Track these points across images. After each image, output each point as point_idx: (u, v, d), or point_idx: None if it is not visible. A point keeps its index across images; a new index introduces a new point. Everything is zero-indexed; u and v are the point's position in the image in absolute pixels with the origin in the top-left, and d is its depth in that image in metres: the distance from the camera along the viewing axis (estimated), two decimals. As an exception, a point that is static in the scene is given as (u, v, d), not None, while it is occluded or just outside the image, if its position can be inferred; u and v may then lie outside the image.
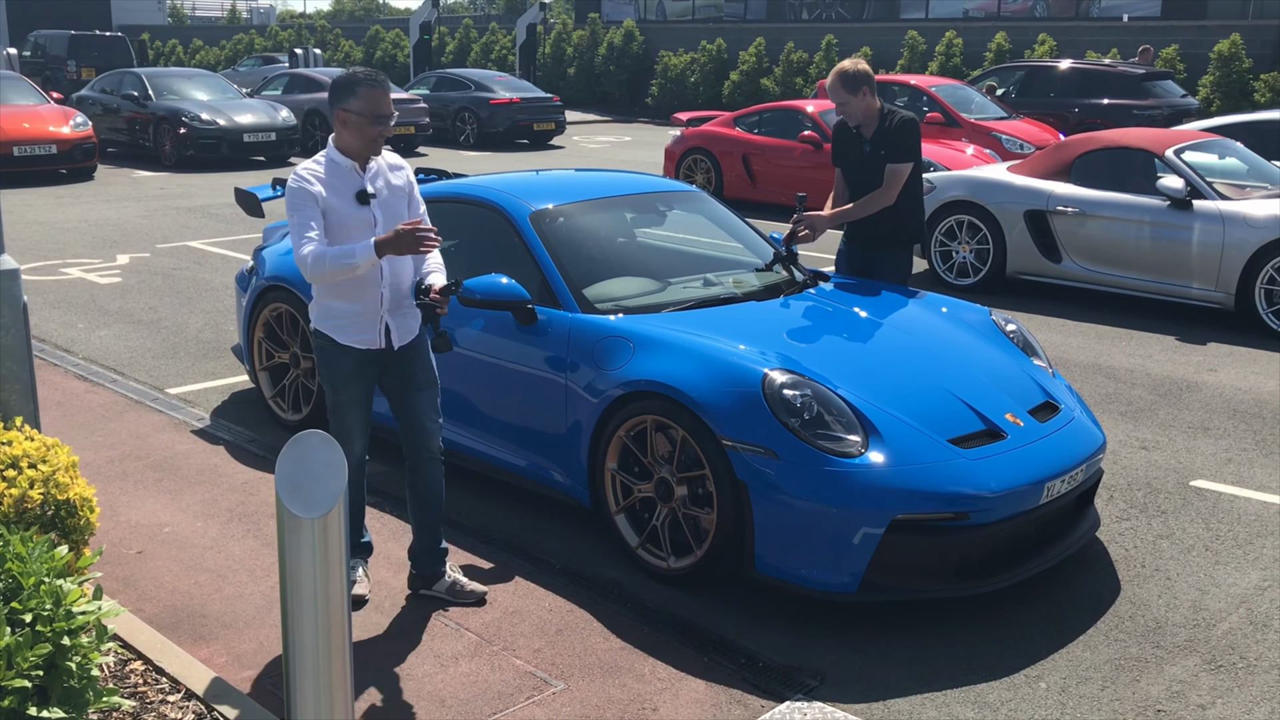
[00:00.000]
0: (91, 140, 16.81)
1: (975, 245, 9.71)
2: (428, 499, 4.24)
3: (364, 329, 4.03)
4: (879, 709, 3.66)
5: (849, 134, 6.00)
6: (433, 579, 4.27)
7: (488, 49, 35.11)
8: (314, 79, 21.80)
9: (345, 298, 3.99)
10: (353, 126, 3.89)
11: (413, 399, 4.16)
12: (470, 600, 4.24)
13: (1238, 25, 22.66)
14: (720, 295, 5.23)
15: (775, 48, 28.25)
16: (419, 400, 4.16)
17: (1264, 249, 8.22)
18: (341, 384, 4.09)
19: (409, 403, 4.16)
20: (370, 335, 4.04)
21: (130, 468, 5.61)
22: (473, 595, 4.26)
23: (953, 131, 15.06)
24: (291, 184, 3.92)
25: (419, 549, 4.29)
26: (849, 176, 6.05)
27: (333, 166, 3.95)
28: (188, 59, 41.65)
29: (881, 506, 4.00)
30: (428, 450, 4.21)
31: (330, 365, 4.10)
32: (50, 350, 7.69)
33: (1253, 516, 5.16)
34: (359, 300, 3.99)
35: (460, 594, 4.25)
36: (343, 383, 4.09)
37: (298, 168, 3.94)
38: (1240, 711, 3.65)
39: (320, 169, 3.94)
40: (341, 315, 4.02)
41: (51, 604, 2.72)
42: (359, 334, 4.04)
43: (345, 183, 3.94)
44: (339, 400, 4.11)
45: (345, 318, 4.02)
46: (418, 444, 4.20)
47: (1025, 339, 5.25)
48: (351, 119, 3.88)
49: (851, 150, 5.99)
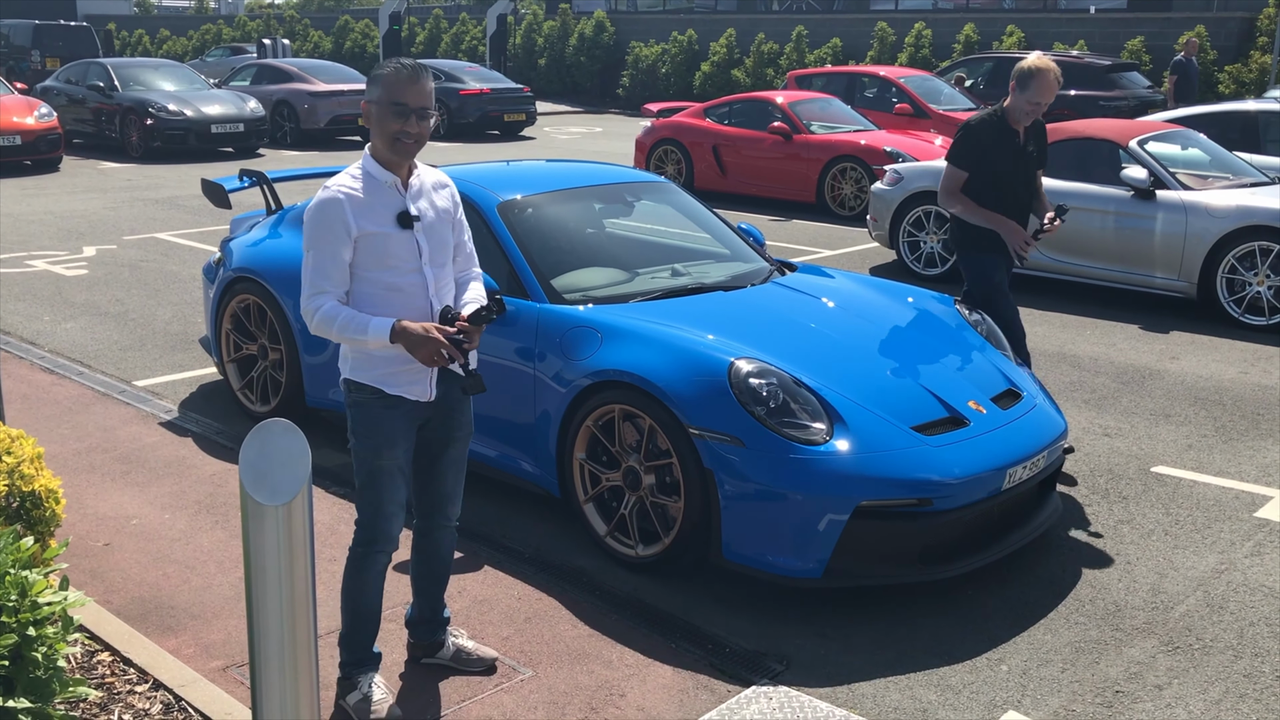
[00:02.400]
0: (56, 131, 16.66)
1: (942, 235, 9.78)
2: (436, 570, 3.70)
3: (415, 376, 3.36)
4: (844, 693, 3.71)
5: (1007, 133, 5.48)
6: (435, 648, 3.77)
7: (458, 39, 34.98)
8: (282, 70, 21.67)
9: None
10: (373, 121, 3.29)
11: (445, 456, 3.54)
12: (478, 668, 3.74)
13: (1202, 18, 22.90)
14: (688, 285, 5.26)
15: (746, 39, 28.29)
16: (451, 458, 3.55)
17: (1225, 239, 8.33)
18: (386, 446, 3.36)
19: (439, 460, 3.54)
20: (422, 384, 3.38)
21: (97, 460, 5.59)
22: (481, 663, 3.75)
23: (921, 122, 15.16)
24: (320, 206, 3.25)
25: (418, 619, 3.77)
26: (999, 176, 5.49)
27: (370, 182, 3.30)
28: (154, 49, 41.27)
29: (846, 493, 4.05)
30: (444, 516, 3.63)
31: (373, 424, 3.36)
32: (15, 343, 7.63)
33: (1211, 501, 5.25)
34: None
35: (467, 661, 3.76)
36: (388, 444, 3.36)
37: (330, 183, 3.29)
38: (1195, 691, 3.73)
39: (356, 185, 3.28)
40: (388, 362, 3.32)
41: (17, 595, 2.73)
42: (410, 383, 3.36)
43: (385, 202, 3.29)
44: (380, 466, 3.37)
45: (393, 364, 3.32)
46: (435, 507, 3.61)
47: (989, 328, 5.31)
48: (372, 111, 3.29)
49: (1006, 149, 5.48)
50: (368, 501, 3.43)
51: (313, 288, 3.26)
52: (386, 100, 3.24)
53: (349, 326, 3.21)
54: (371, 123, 3.29)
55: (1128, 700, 3.68)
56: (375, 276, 3.28)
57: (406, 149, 3.28)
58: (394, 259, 3.28)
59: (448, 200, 3.45)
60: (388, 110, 3.24)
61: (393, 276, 3.29)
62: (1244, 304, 8.34)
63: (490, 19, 32.02)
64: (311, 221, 3.26)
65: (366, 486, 3.41)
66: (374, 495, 3.40)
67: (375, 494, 3.40)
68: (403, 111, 3.23)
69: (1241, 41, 22.39)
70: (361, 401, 3.37)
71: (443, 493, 3.58)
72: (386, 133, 3.26)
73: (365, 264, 3.27)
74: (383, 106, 3.25)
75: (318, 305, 3.24)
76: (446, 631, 3.78)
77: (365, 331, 3.20)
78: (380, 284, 3.28)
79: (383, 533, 3.44)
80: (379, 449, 3.36)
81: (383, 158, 3.31)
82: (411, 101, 3.24)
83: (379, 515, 3.42)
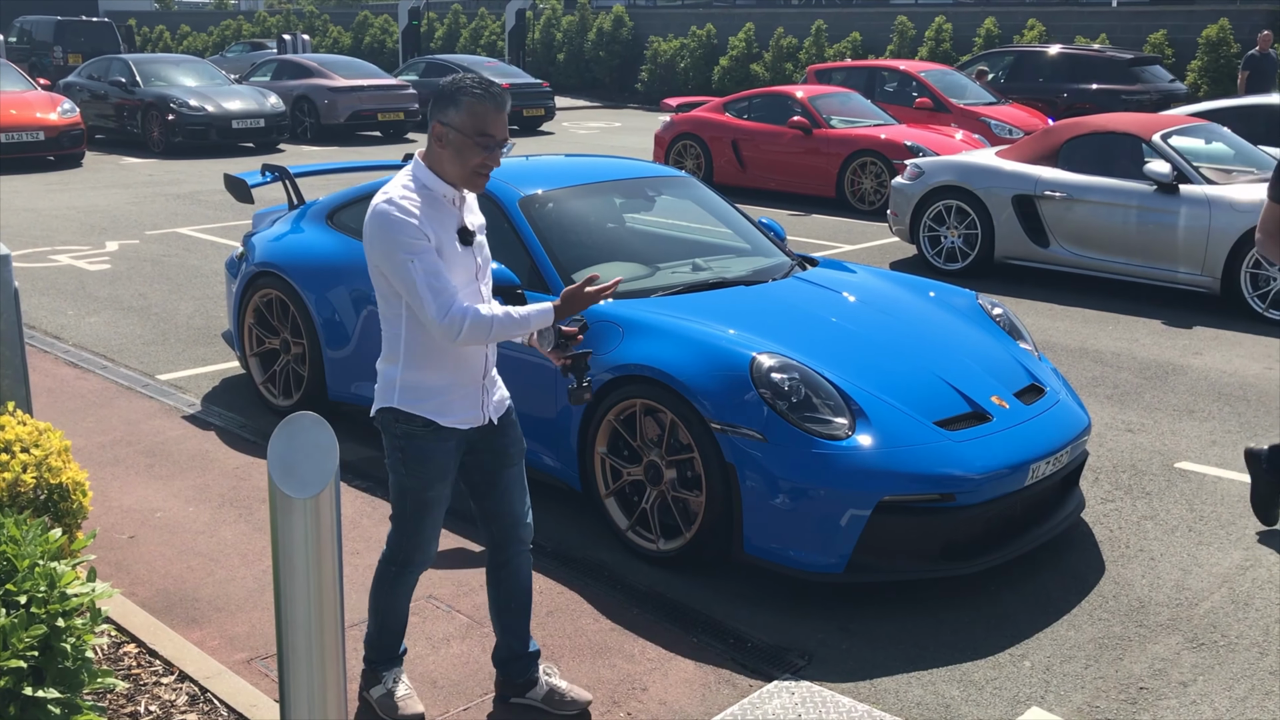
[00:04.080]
0: (79, 127, 16.74)
1: (963, 230, 9.75)
2: (518, 601, 3.48)
3: (467, 404, 3.21)
4: (866, 688, 3.71)
5: None
6: (525, 687, 3.53)
7: (477, 34, 35.00)
8: (302, 65, 21.73)
9: (444, 369, 3.16)
10: (451, 146, 3.05)
11: (503, 478, 3.36)
12: (571, 711, 3.49)
13: (1226, 10, 22.70)
14: (709, 280, 5.25)
15: (765, 33, 28.21)
16: (510, 479, 3.37)
17: (1249, 233, 8.26)
18: (435, 479, 3.22)
19: (499, 483, 3.36)
20: (474, 411, 3.23)
21: (121, 453, 5.62)
22: (574, 706, 3.49)
23: (942, 117, 15.08)
24: (398, 217, 3.01)
25: (506, 656, 3.54)
26: None
27: (428, 196, 3.08)
28: (175, 45, 41.44)
29: (868, 488, 4.04)
30: (518, 540, 3.43)
31: (423, 456, 3.19)
32: (40, 337, 7.69)
33: (1235, 498, 5.21)
34: (460, 369, 3.18)
35: (559, 704, 3.49)
36: (437, 477, 3.22)
37: (390, 197, 3.05)
38: (1220, 688, 3.71)
39: (418, 199, 3.06)
40: (441, 391, 3.16)
41: (46, 586, 2.74)
42: (463, 411, 3.21)
43: (444, 217, 3.11)
44: (426, 499, 3.24)
45: (447, 393, 3.16)
46: (508, 533, 3.41)
47: (1011, 322, 5.29)
48: (450, 136, 3.04)
49: None
50: (410, 529, 3.30)
51: (440, 296, 3.01)
52: (473, 131, 3.02)
53: (509, 323, 3.08)
54: (448, 147, 3.06)
55: (1152, 697, 3.66)
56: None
57: (483, 182, 3.13)
58: (455, 277, 3.09)
59: (481, 214, 3.34)
60: (472, 143, 3.03)
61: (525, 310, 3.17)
62: (1268, 299, 8.28)
63: (509, 14, 32.01)
64: (395, 234, 3.01)
65: (410, 516, 3.28)
66: (416, 525, 3.29)
67: (419, 525, 3.28)
68: (489, 145, 3.04)
69: (1265, 34, 22.17)
70: (413, 433, 3.18)
71: (513, 515, 3.41)
72: (467, 164, 3.06)
73: None
74: (466, 137, 3.03)
75: (461, 311, 3.01)
76: (540, 669, 3.55)
77: (528, 323, 3.12)
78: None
79: (419, 557, 3.36)
80: (430, 482, 3.22)
81: (436, 168, 3.11)
82: (498, 134, 3.05)
83: (418, 541, 3.32)
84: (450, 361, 3.15)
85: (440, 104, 3.07)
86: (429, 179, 3.11)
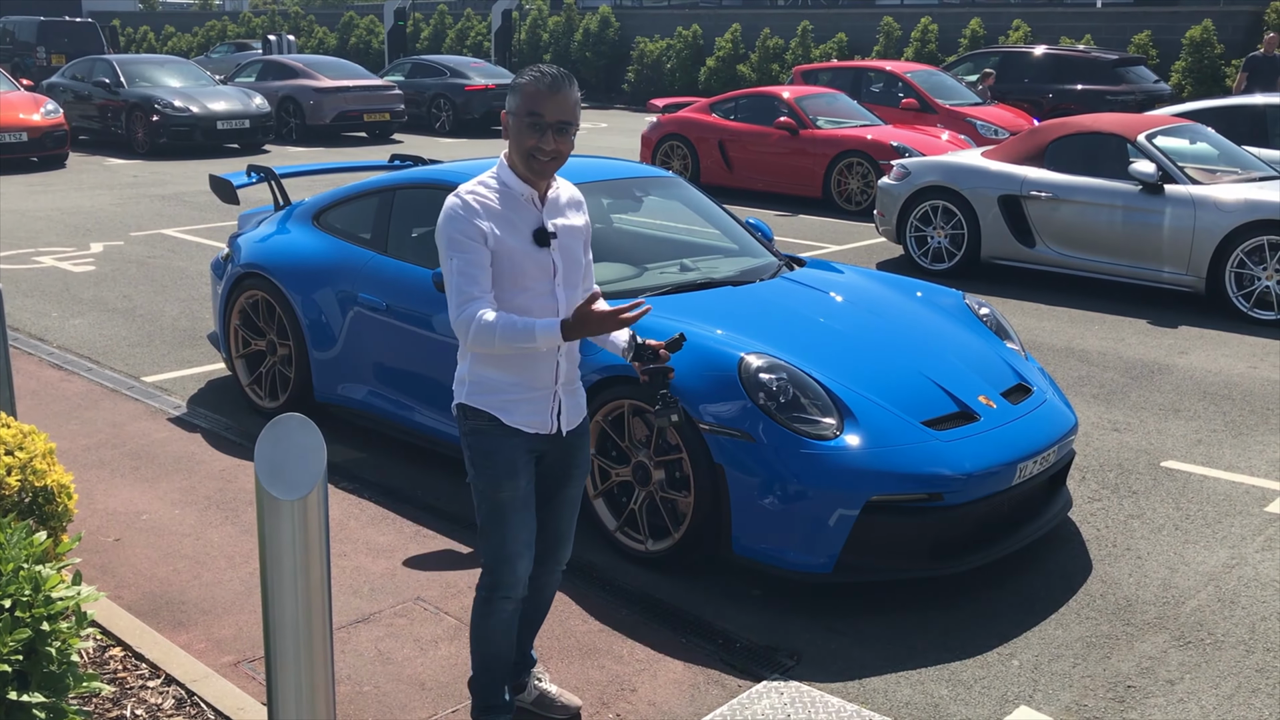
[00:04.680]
0: (63, 128, 16.67)
1: (950, 230, 9.77)
2: (533, 615, 3.44)
3: (535, 408, 3.12)
4: (854, 688, 3.71)
5: None
6: (516, 690, 3.50)
7: (463, 35, 34.95)
8: (288, 66, 21.66)
9: (510, 368, 3.08)
10: (510, 132, 3.02)
11: (560, 496, 3.28)
12: (560, 716, 3.50)
13: (1209, 11, 22.82)
14: (696, 280, 5.25)
15: (751, 34, 28.25)
16: (567, 498, 3.30)
17: (1234, 233, 8.31)
18: (505, 477, 3.10)
19: (554, 499, 3.28)
20: (543, 417, 3.13)
21: (107, 456, 5.59)
22: (565, 710, 3.51)
23: (928, 117, 15.13)
24: (454, 213, 2.99)
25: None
26: None
27: (506, 194, 3.05)
28: (160, 45, 41.29)
29: (856, 488, 4.05)
30: (555, 560, 3.37)
31: (490, 454, 3.11)
32: (24, 339, 7.64)
33: (1221, 496, 5.24)
34: (528, 371, 3.09)
35: (549, 707, 3.51)
36: (506, 475, 3.10)
37: (462, 190, 3.03)
38: (1207, 686, 3.72)
39: (491, 196, 3.03)
40: (507, 389, 3.08)
41: (30, 590, 2.73)
42: (530, 414, 3.11)
43: (521, 216, 3.04)
44: (500, 500, 3.11)
45: (512, 393, 3.09)
46: (547, 551, 3.32)
47: (998, 322, 5.31)
48: (510, 122, 3.02)
49: None
50: (490, 541, 3.15)
51: (461, 295, 2.95)
52: (523, 111, 2.97)
53: (512, 333, 2.93)
54: (508, 134, 3.03)
55: (1139, 695, 3.67)
56: (505, 297, 3.01)
57: (541, 167, 3.02)
58: (527, 278, 3.02)
59: (581, 220, 3.19)
60: (523, 122, 2.97)
61: (524, 298, 3.03)
62: (1253, 298, 8.33)
63: (495, 14, 31.99)
64: (448, 228, 2.99)
65: (488, 525, 3.14)
66: (497, 534, 3.13)
67: (498, 532, 3.13)
68: (538, 125, 2.96)
69: (1249, 35, 22.30)
70: (480, 429, 3.11)
71: (556, 534, 3.31)
72: (522, 147, 2.99)
73: (496, 283, 3.00)
74: (519, 118, 2.98)
75: (472, 313, 2.94)
76: (531, 674, 3.53)
77: (533, 336, 2.93)
78: (510, 305, 3.01)
79: (506, 576, 3.16)
80: (499, 480, 3.10)
81: (520, 170, 3.05)
82: (549, 114, 2.95)
83: (501, 557, 3.14)
84: (515, 361, 3.06)
85: (508, 97, 3.05)
86: (508, 176, 3.07)
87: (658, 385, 3.10)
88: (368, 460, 5.58)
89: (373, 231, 5.76)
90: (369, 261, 5.62)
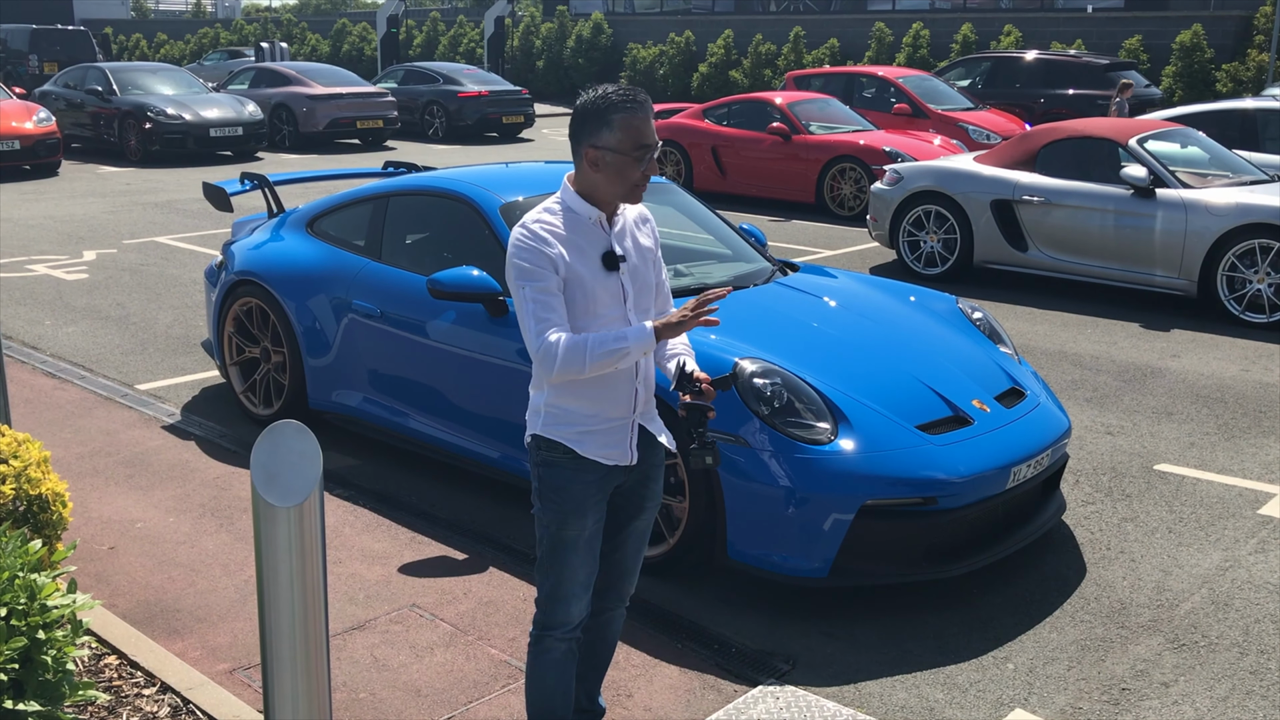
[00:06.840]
0: (55, 136, 16.66)
1: (943, 235, 9.80)
2: (600, 655, 3.27)
3: (613, 439, 2.96)
4: (850, 692, 3.72)
5: None
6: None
7: (455, 42, 34.99)
8: (280, 73, 21.67)
9: (589, 399, 2.92)
10: (610, 169, 2.82)
11: (630, 527, 3.12)
12: None
13: (1199, 16, 22.93)
14: (690, 286, 5.26)
15: (743, 40, 28.31)
16: (635, 532, 3.13)
17: (1225, 236, 8.34)
18: (574, 513, 2.94)
19: (623, 531, 3.11)
20: (621, 448, 2.97)
21: (101, 464, 5.59)
22: None
23: (920, 122, 15.17)
24: (522, 242, 2.84)
25: (574, 708, 3.28)
26: None
27: (572, 219, 2.89)
28: (152, 53, 41.26)
29: (851, 492, 4.05)
30: (619, 594, 3.20)
31: (560, 489, 2.94)
32: (17, 347, 7.63)
33: (1215, 499, 5.25)
34: (606, 400, 2.93)
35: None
36: (575, 511, 2.94)
37: (527, 219, 2.88)
38: (1202, 688, 3.73)
39: (558, 223, 2.87)
40: (584, 420, 2.93)
41: (26, 598, 2.73)
42: (607, 445, 2.95)
43: (590, 241, 2.89)
44: (564, 537, 2.96)
45: (590, 423, 2.93)
46: (612, 583, 3.17)
47: (991, 326, 5.32)
48: (607, 159, 2.81)
49: None
50: (547, 578, 3.01)
51: (540, 324, 2.80)
52: (631, 147, 2.80)
53: (603, 346, 2.78)
54: (605, 171, 2.83)
55: (1134, 698, 3.68)
56: (578, 326, 2.87)
57: (642, 194, 2.89)
58: (598, 304, 2.88)
59: (650, 238, 3.05)
60: (631, 159, 2.81)
61: (594, 324, 2.89)
62: (1244, 301, 8.36)
63: (488, 21, 32.03)
64: (519, 258, 2.84)
65: (547, 560, 3.00)
66: (554, 571, 2.99)
67: (556, 570, 2.98)
68: (646, 155, 2.82)
69: (1239, 40, 22.42)
70: (554, 461, 2.95)
71: (622, 568, 3.16)
72: (628, 181, 2.84)
73: (568, 312, 2.86)
74: (624, 155, 2.81)
75: (556, 337, 2.79)
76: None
77: (625, 341, 2.79)
78: (580, 331, 2.87)
79: (559, 616, 3.02)
80: (565, 518, 2.95)
81: (598, 198, 2.89)
82: (650, 139, 2.82)
83: (556, 595, 3.00)
84: (593, 389, 2.91)
85: (589, 127, 2.83)
86: (575, 202, 2.91)
87: (695, 423, 2.85)
88: (362, 467, 5.58)
89: (366, 238, 5.76)
90: (363, 268, 5.63)
